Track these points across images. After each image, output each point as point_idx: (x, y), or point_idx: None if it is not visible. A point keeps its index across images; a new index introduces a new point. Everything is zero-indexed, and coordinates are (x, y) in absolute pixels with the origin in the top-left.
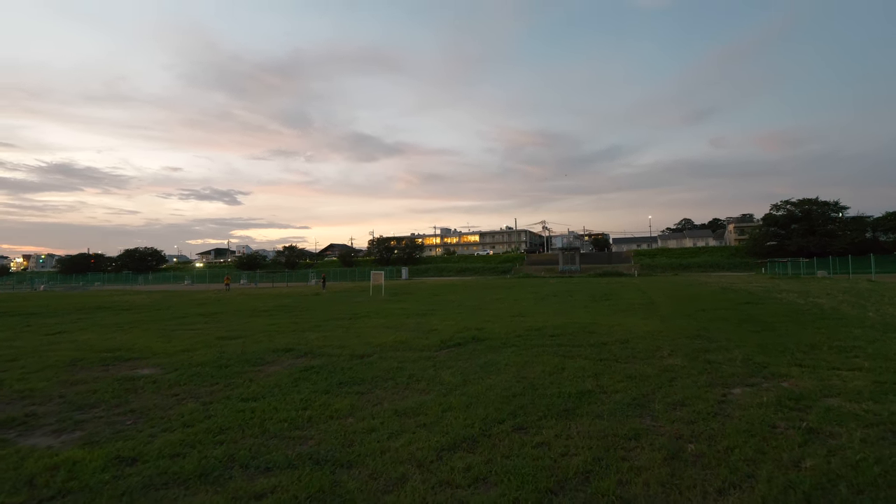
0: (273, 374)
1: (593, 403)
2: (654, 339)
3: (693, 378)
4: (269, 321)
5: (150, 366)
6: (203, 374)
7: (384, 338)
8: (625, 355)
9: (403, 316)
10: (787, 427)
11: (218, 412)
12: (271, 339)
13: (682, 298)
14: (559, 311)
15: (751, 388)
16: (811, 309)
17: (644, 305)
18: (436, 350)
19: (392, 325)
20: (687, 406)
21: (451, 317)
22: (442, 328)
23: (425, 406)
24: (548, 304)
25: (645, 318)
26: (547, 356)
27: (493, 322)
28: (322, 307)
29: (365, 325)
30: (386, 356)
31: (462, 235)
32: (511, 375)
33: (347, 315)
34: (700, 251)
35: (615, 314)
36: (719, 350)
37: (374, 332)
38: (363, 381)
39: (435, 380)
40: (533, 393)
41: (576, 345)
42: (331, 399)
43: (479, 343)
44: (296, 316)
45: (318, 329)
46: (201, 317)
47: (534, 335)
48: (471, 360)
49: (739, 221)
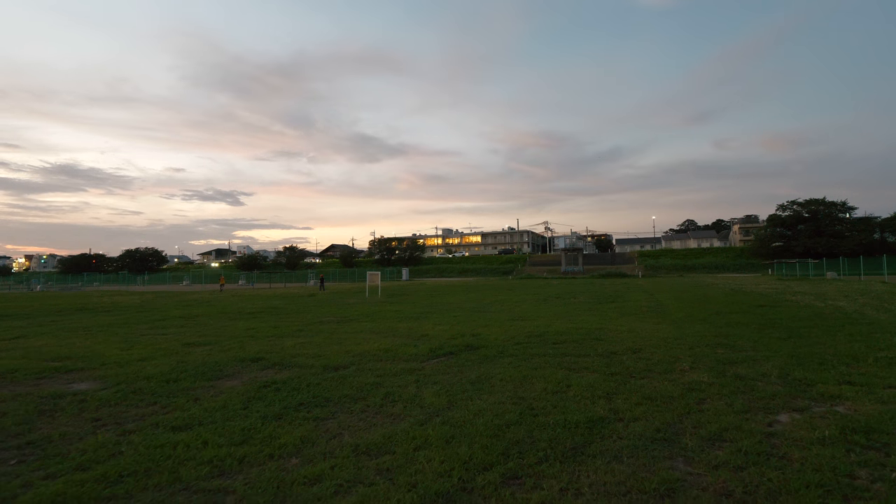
0: (226, 392)
1: (608, 438)
2: (670, 347)
3: (726, 400)
4: (251, 324)
5: (90, 379)
6: (145, 390)
7: (369, 345)
8: (639, 368)
9: (396, 319)
10: (870, 478)
11: (131, 447)
12: (243, 347)
13: (692, 301)
14: (562, 315)
15: (800, 415)
16: (833, 313)
17: (653, 308)
18: (423, 360)
19: (381, 330)
20: (727, 442)
21: (447, 320)
22: (434, 333)
23: (395, 439)
24: (550, 306)
25: (656, 323)
26: (549, 369)
27: (490, 327)
28: (312, 309)
29: (352, 329)
30: (364, 368)
31: (464, 236)
32: (506, 395)
33: (336, 318)
34: (705, 252)
35: (623, 318)
36: (747, 362)
37: (359, 338)
38: (328, 402)
39: (414, 401)
40: (532, 421)
41: (582, 354)
42: (280, 428)
43: (473, 352)
44: (281, 319)
45: (298, 334)
46: (181, 319)
47: (534, 342)
48: (461, 374)
49: (744, 222)
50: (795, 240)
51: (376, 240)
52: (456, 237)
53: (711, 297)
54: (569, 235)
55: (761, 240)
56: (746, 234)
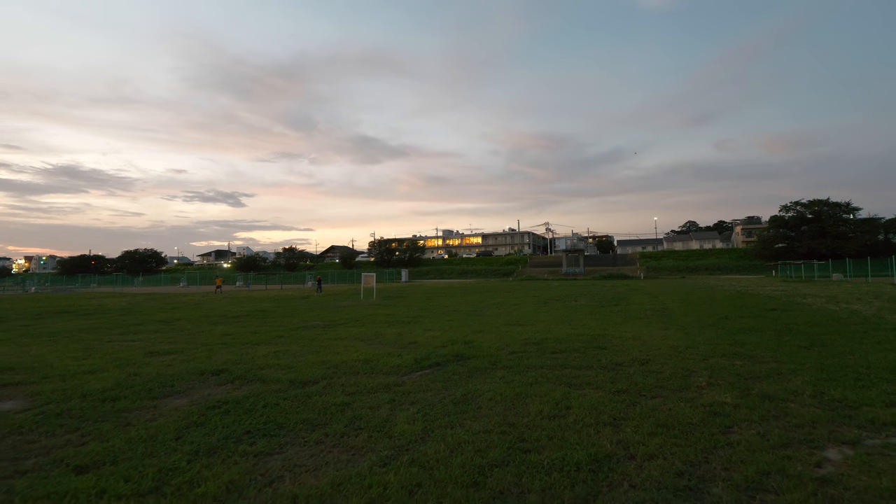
0: (165, 415)
1: (617, 486)
2: (682, 357)
3: (757, 428)
4: (229, 329)
5: (21, 396)
6: (73, 412)
7: (349, 354)
8: (649, 384)
9: (386, 324)
10: None
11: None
12: (210, 356)
13: (698, 303)
14: (563, 319)
15: (852, 450)
16: (851, 317)
17: (658, 312)
18: (405, 373)
19: (367, 337)
20: (771, 493)
21: (440, 325)
22: (424, 340)
23: (345, 488)
24: (550, 309)
25: (663, 329)
26: (546, 385)
27: (485, 332)
28: (301, 312)
29: (336, 335)
30: (336, 383)
31: (464, 237)
32: (494, 420)
33: (323, 322)
34: (707, 253)
35: (627, 322)
36: (772, 377)
37: (340, 345)
38: (280, 430)
39: (383, 428)
40: (521, 461)
41: (583, 366)
42: (208, 468)
43: (463, 363)
44: (265, 323)
45: (276, 341)
46: (159, 324)
47: (531, 351)
48: (444, 392)
49: (747, 223)
50: (799, 241)
51: (376, 241)
52: (456, 238)
53: (718, 299)
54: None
55: (764, 241)
56: (749, 235)
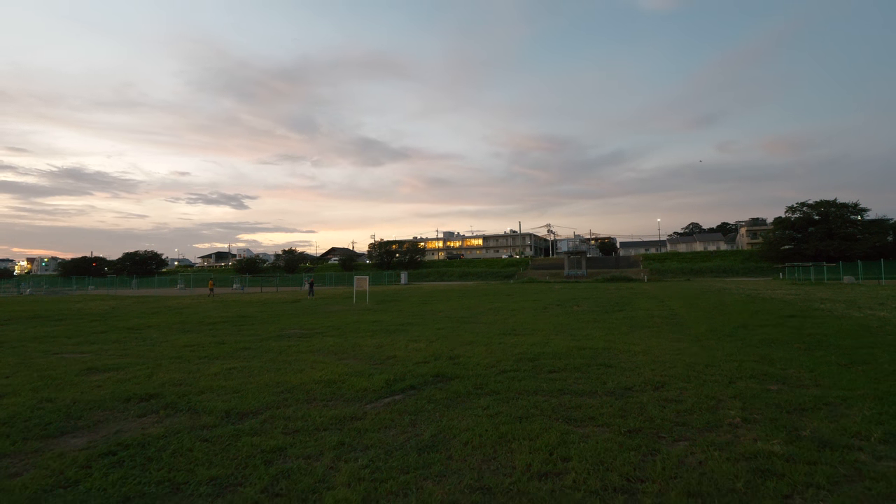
0: (41, 464)
1: None
2: (703, 379)
3: (828, 499)
4: (196, 339)
5: None
6: None
7: (312, 373)
8: (668, 419)
9: (369, 333)
10: None
11: None
12: (151, 375)
13: (709, 309)
14: (563, 327)
15: None
16: (883, 326)
17: (667, 319)
18: (371, 400)
19: (342, 349)
20: None
21: (427, 335)
22: (405, 355)
23: None
24: (550, 316)
25: (675, 340)
26: (539, 419)
27: (475, 345)
28: (284, 318)
29: (308, 347)
30: (280, 416)
31: (465, 239)
32: (465, 481)
33: (302, 330)
34: (712, 255)
35: (634, 332)
36: (821, 408)
37: (308, 361)
38: (171, 497)
39: (309, 497)
40: None
41: (586, 392)
42: None
43: (443, 385)
44: (238, 332)
45: (238, 355)
46: (126, 332)
47: (525, 370)
48: (411, 430)
49: (751, 225)
50: (806, 242)
51: (376, 243)
52: (457, 240)
53: (729, 304)
54: (572, 238)
55: (770, 242)
56: (754, 236)
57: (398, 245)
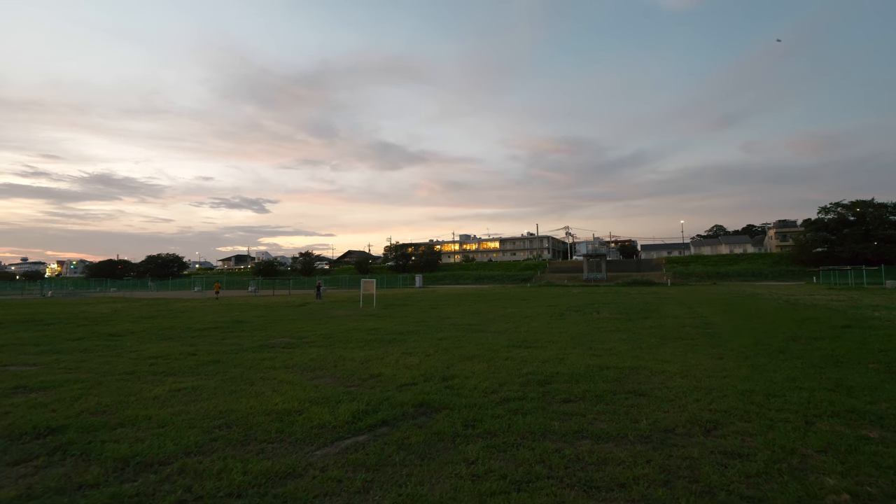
0: None
1: None
2: (768, 418)
3: None
4: (170, 348)
5: None
6: None
7: (270, 398)
8: (737, 489)
9: (360, 344)
10: None
11: None
12: (79, 398)
13: (747, 317)
14: (582, 339)
15: None
16: None
17: (701, 329)
18: (325, 442)
19: (321, 364)
20: None
21: (424, 347)
22: (391, 373)
23: None
24: (567, 324)
25: (717, 357)
26: (546, 489)
27: (477, 360)
28: (278, 324)
29: (283, 362)
30: (190, 469)
31: (481, 242)
32: None
33: (289, 339)
34: (739, 258)
35: (665, 345)
36: None
37: (273, 380)
38: None
39: None
40: None
41: (612, 435)
42: None
43: (424, 421)
44: (220, 340)
45: (199, 370)
46: (106, 338)
47: (532, 398)
48: (362, 499)
49: (781, 226)
50: (841, 245)
51: (392, 245)
52: (473, 243)
53: (767, 311)
54: (591, 241)
55: (802, 245)
56: (783, 238)
57: (414, 248)
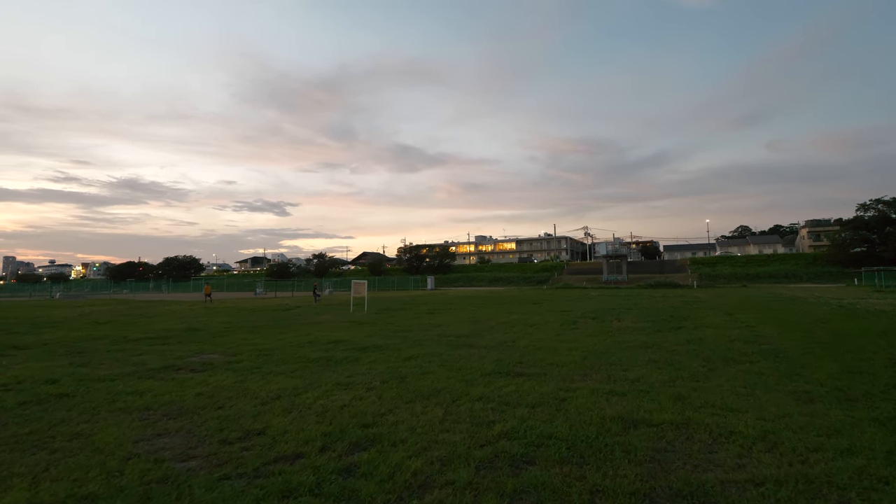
0: None
1: None
2: None
3: None
4: (42, 372)
5: None
6: None
7: (35, 488)
8: None
9: (293, 367)
10: None
11: None
12: None
13: (806, 328)
14: (597, 358)
15: None
16: None
17: (753, 345)
18: None
19: (199, 405)
20: None
21: (379, 372)
22: (283, 427)
23: None
24: (580, 335)
25: (803, 398)
26: None
27: (433, 402)
28: (234, 333)
29: (152, 399)
30: None
31: (497, 243)
32: None
33: (218, 356)
34: (769, 259)
35: (717, 373)
36: None
37: (91, 440)
38: None
39: None
40: None
41: None
42: None
43: None
44: (139, 355)
45: (19, 409)
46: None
47: None
48: None
49: (814, 226)
50: (884, 244)
51: (405, 247)
52: (489, 244)
53: (828, 320)
54: (611, 241)
55: (839, 245)
56: (817, 238)
57: (428, 249)
